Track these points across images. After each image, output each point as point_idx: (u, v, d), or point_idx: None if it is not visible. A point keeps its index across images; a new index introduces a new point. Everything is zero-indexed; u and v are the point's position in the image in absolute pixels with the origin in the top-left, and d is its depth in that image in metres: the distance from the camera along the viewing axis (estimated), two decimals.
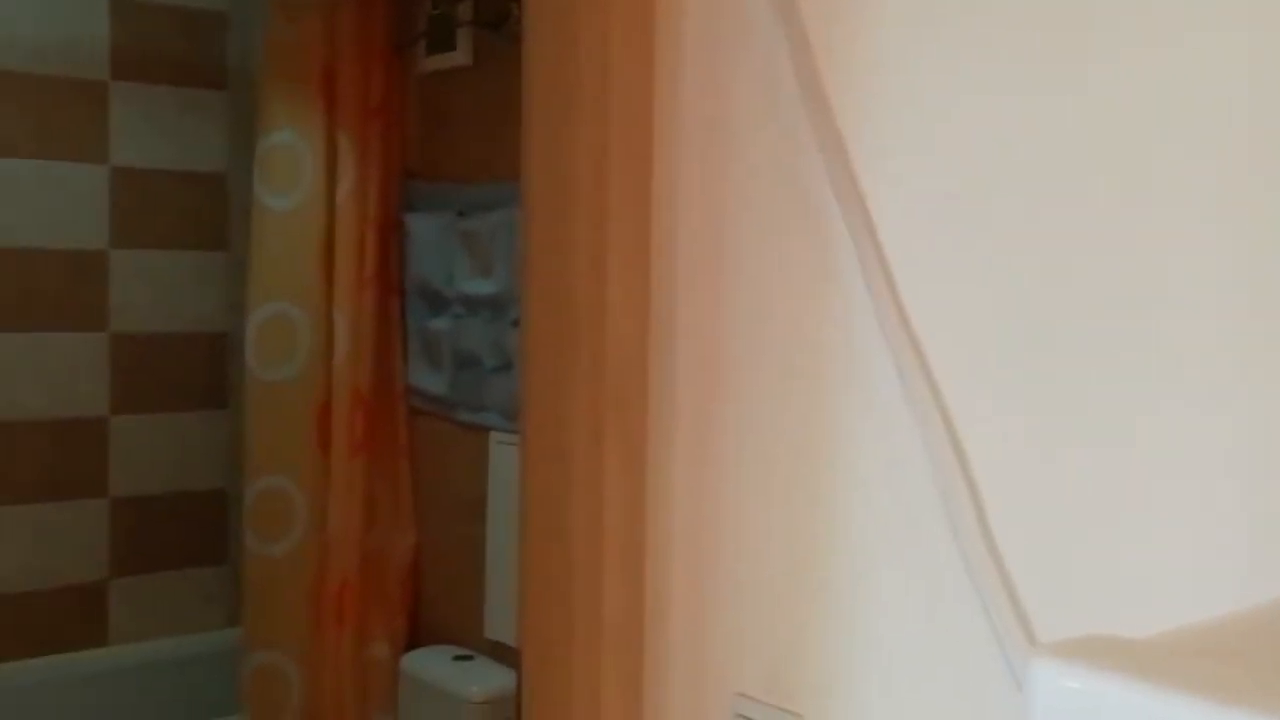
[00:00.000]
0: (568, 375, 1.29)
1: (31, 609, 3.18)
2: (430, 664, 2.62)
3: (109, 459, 3.29)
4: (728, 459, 1.25)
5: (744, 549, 1.24)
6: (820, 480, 1.15)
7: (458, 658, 2.61)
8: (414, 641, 2.84)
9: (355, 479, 2.75)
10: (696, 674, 1.30)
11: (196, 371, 3.41)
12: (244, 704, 2.75)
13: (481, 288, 2.59)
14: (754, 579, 1.23)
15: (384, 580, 2.83)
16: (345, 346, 2.74)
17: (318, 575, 2.75)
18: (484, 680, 2.50)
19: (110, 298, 3.27)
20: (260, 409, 2.74)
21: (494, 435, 2.61)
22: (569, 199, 1.26)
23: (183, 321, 3.38)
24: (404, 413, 2.89)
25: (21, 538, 3.16)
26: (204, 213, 3.40)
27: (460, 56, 2.67)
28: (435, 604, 2.83)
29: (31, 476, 3.17)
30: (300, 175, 2.73)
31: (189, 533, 3.42)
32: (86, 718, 3.17)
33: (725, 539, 1.25)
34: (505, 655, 2.58)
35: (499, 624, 2.60)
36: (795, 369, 1.18)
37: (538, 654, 1.36)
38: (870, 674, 1.11)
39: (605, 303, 1.25)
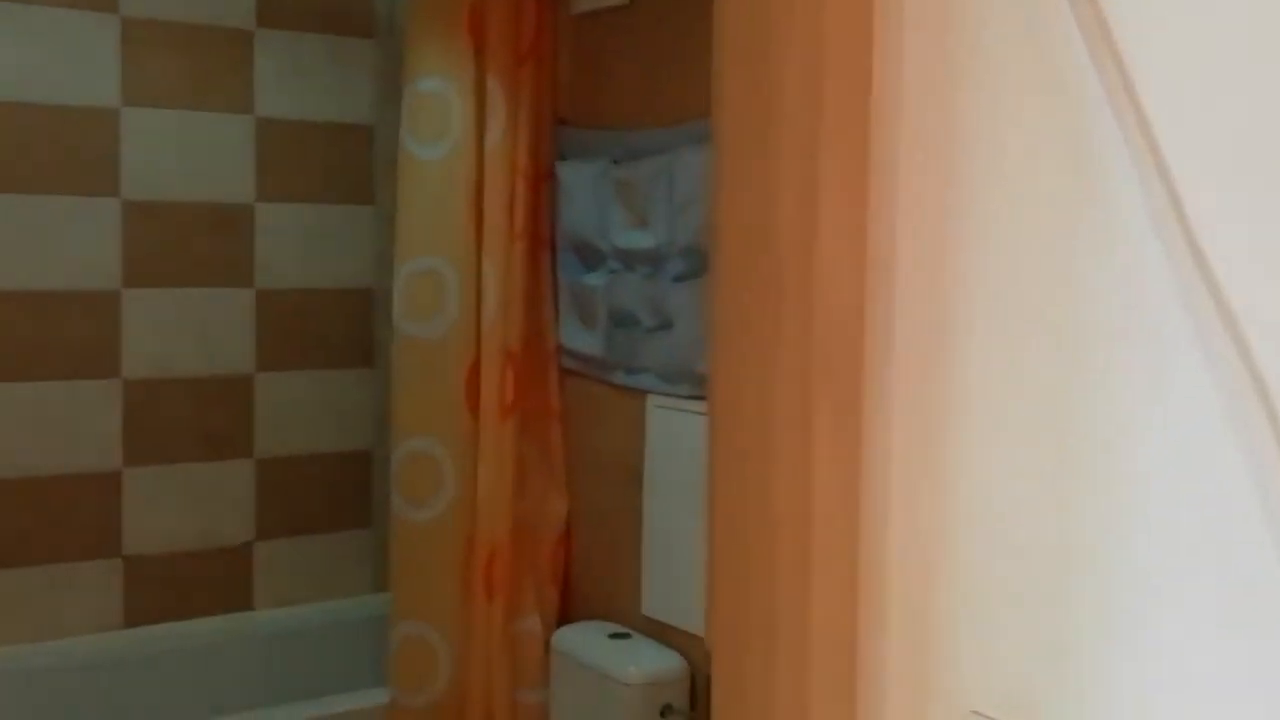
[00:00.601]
0: (767, 334, 1.10)
1: (179, 571, 3.14)
2: (584, 641, 2.47)
3: (255, 418, 3.22)
4: (965, 432, 1.04)
5: (990, 539, 1.04)
6: (1093, 465, 0.93)
7: (613, 635, 2.46)
8: (566, 616, 2.71)
9: (505, 442, 2.61)
10: (919, 686, 1.10)
11: (343, 329, 3.32)
12: (390, 676, 2.65)
13: (638, 240, 2.41)
14: (1003, 575, 1.02)
15: (535, 550, 2.70)
16: (495, 303, 2.60)
17: (466, 543, 2.63)
18: (641, 661, 2.34)
19: (256, 253, 3.19)
20: (407, 367, 2.62)
21: (651, 399, 2.44)
22: (773, 127, 1.06)
23: (329, 277, 3.29)
24: (555, 374, 2.73)
25: (169, 498, 3.11)
26: (351, 165, 3.30)
27: None
28: (588, 577, 2.68)
29: (180, 435, 3.12)
30: (448, 124, 2.59)
31: (335, 495, 3.34)
32: (231, 683, 3.12)
33: (963, 528, 1.05)
34: (664, 634, 2.42)
35: (658, 600, 2.43)
36: (1057, 321, 0.96)
37: (731, 659, 1.18)
38: (1157, 706, 0.90)
39: (815, 247, 1.05)
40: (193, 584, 3.16)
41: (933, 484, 1.10)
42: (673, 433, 2.38)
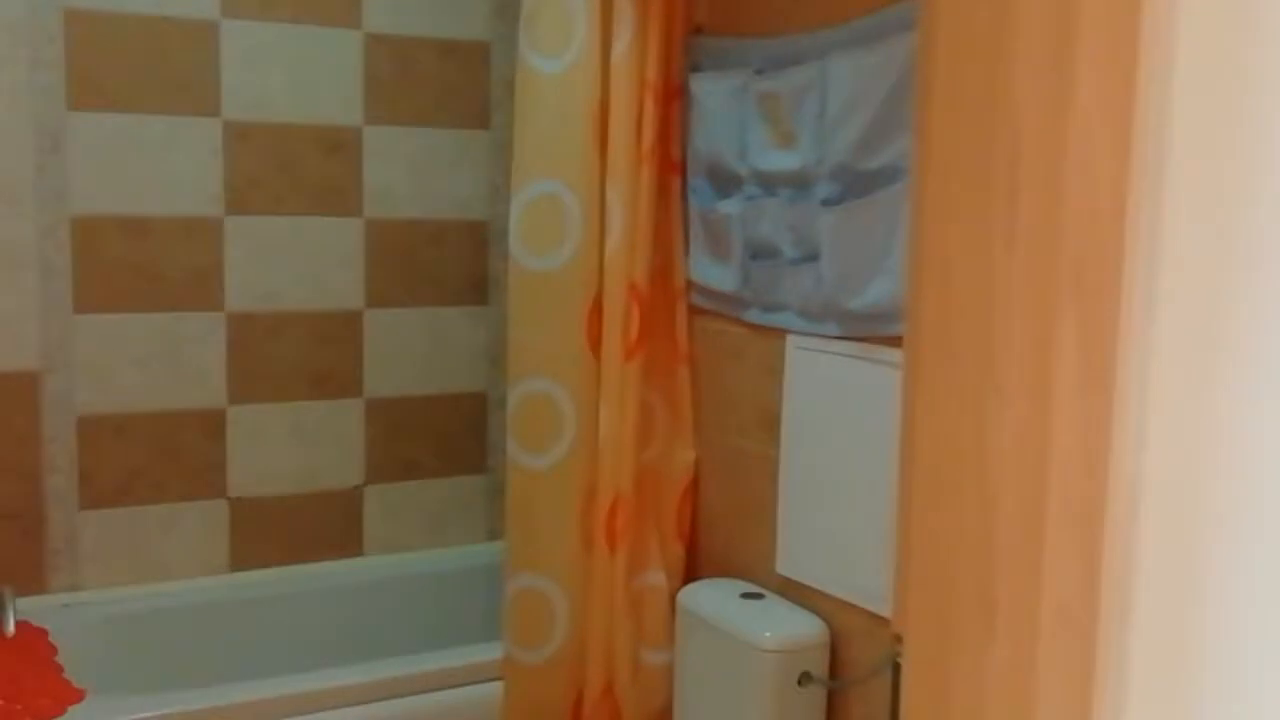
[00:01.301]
0: (993, 247, 0.85)
1: (286, 515, 3.00)
2: (713, 600, 2.26)
3: (364, 356, 3.06)
4: (1256, 370, 0.79)
5: None
6: None
7: (745, 595, 2.25)
8: (693, 573, 2.50)
9: (629, 385, 2.40)
10: (1171, 684, 0.86)
11: (457, 263, 3.14)
12: (505, 630, 2.47)
13: (782, 161, 2.17)
14: None
15: (660, 500, 2.49)
16: (619, 232, 2.37)
17: (587, 492, 2.43)
18: (777, 625, 2.13)
19: (365, 179, 3.01)
20: (524, 302, 2.42)
21: (792, 339, 2.20)
22: None
23: (442, 207, 3.10)
24: (684, 311, 2.51)
25: (276, 438, 2.97)
26: (466, 86, 3.09)
27: None
28: (718, 531, 2.47)
29: (286, 373, 2.97)
30: (571, 34, 2.36)
31: (448, 438, 3.18)
32: (339, 632, 2.99)
33: (1244, 495, 0.80)
34: (801, 596, 2.20)
35: (794, 559, 2.21)
36: None
37: (932, 644, 0.95)
38: None
39: (1066, 123, 0.80)
40: (300, 528, 3.02)
41: (1208, 438, 0.84)
42: (815, 377, 2.14)
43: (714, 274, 2.41)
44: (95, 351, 2.76)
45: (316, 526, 3.04)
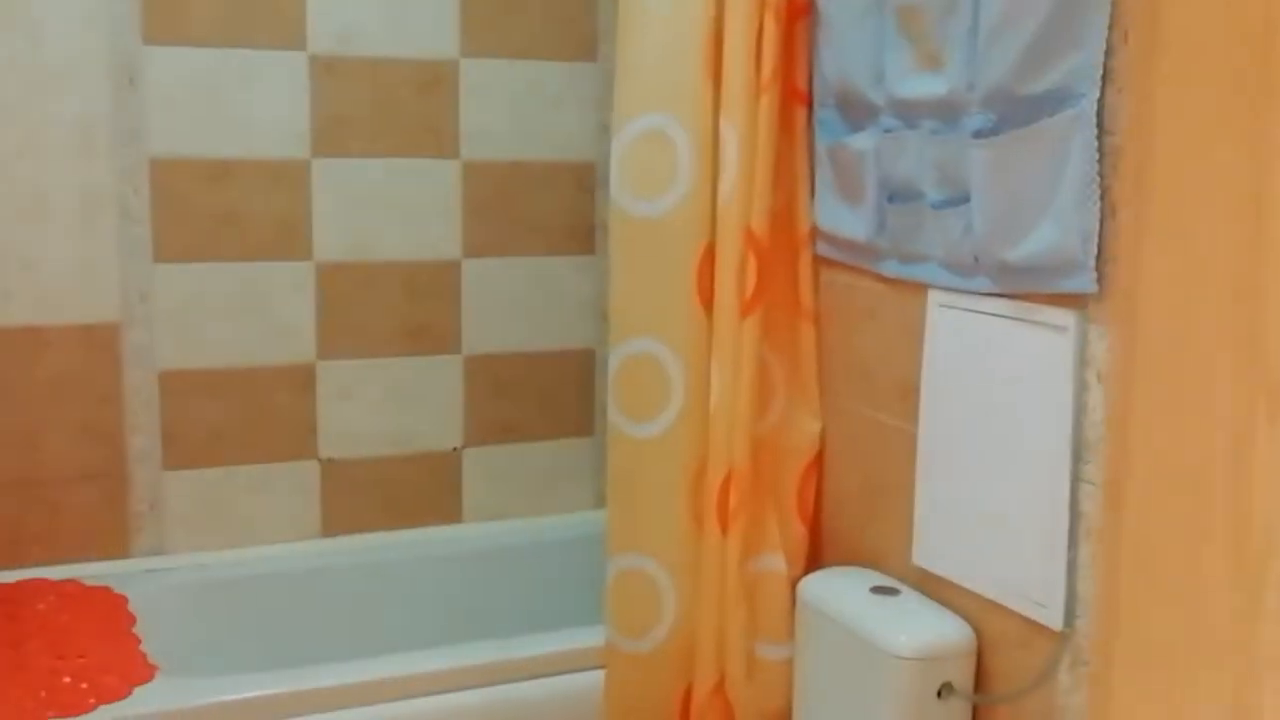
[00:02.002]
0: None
1: (380, 477, 2.81)
2: (839, 592, 1.99)
3: (462, 309, 2.83)
4: None
5: None
6: None
7: (876, 589, 1.96)
8: (816, 559, 2.22)
9: (745, 345, 2.12)
10: None
11: (562, 208, 2.88)
12: (607, 614, 2.24)
13: (926, 86, 1.85)
14: None
15: (779, 476, 2.21)
16: (735, 172, 2.09)
17: (696, 465, 2.17)
18: (915, 627, 1.84)
19: (462, 118, 2.77)
20: (627, 253, 2.15)
21: (935, 295, 1.90)
22: None
23: (546, 147, 2.85)
24: (808, 262, 2.21)
25: (369, 396, 2.78)
26: (572, 13, 2.82)
27: None
28: (845, 513, 2.19)
29: (379, 326, 2.76)
30: None
31: (553, 398, 2.95)
32: (434, 603, 2.80)
33: None
34: (940, 592, 1.91)
35: (934, 548, 1.92)
36: None
37: (1144, 664, 0.66)
38: None
39: None
40: (395, 493, 2.83)
41: None
42: (963, 340, 1.83)
43: (844, 219, 2.11)
44: (177, 303, 2.59)
45: (412, 491, 2.85)
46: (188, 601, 2.54)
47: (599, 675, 2.24)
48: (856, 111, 2.04)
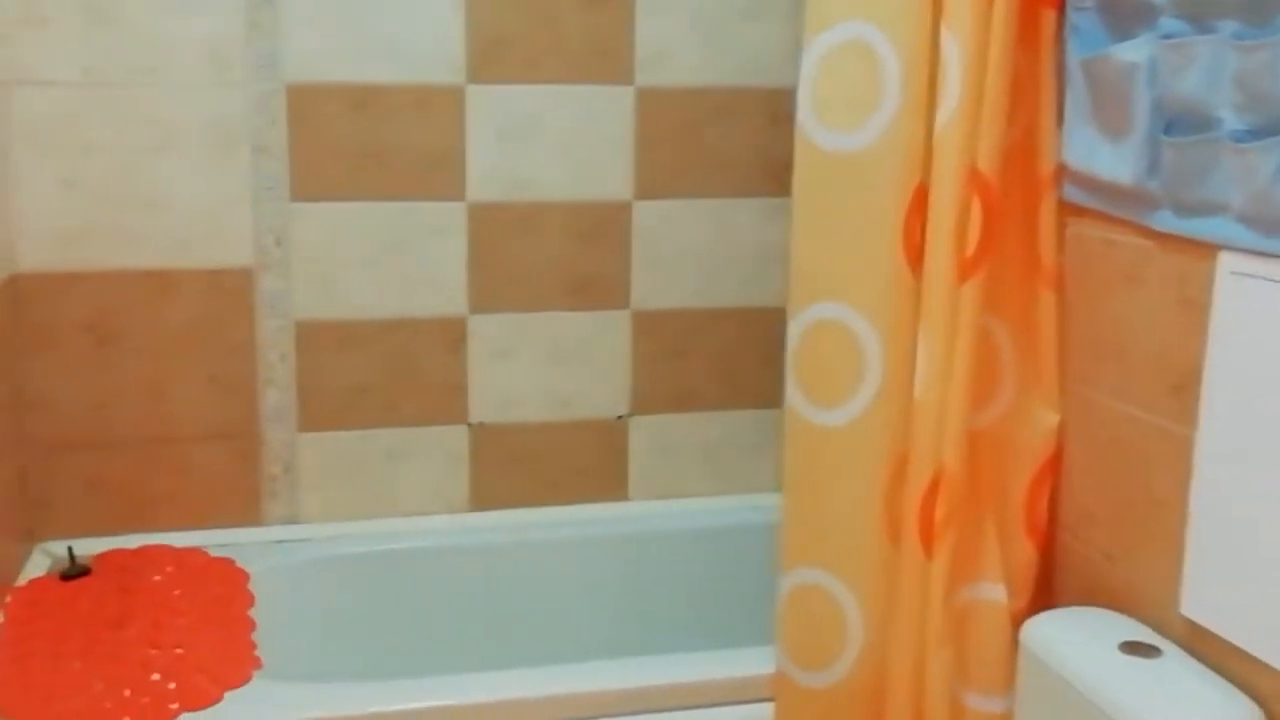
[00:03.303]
0: None
1: (536, 446, 2.49)
2: (1078, 644, 1.54)
3: (633, 258, 2.46)
4: None
5: None
6: None
7: (1130, 645, 1.50)
8: (1045, 591, 1.77)
9: (964, 314, 1.67)
10: None
11: (751, 141, 2.46)
12: (778, 638, 1.85)
13: None
14: None
15: (1003, 482, 1.76)
16: (958, 94, 1.63)
17: (895, 463, 1.74)
18: (1183, 706, 1.38)
19: (636, 38, 2.38)
20: (816, 194, 1.73)
21: (1227, 259, 1.41)
22: None
23: (731, 71, 2.43)
24: (1051, 209, 1.74)
25: (529, 354, 2.45)
26: None
27: None
28: (1087, 535, 1.72)
29: (537, 276, 2.42)
30: None
31: (735, 362, 2.55)
32: (594, 591, 2.47)
33: None
34: (1219, 657, 1.43)
35: (1212, 596, 1.44)
36: None
37: None
38: None
39: None
40: (553, 464, 2.50)
41: None
42: (1267, 319, 1.35)
43: (1101, 156, 1.63)
44: (315, 246, 2.31)
45: (572, 462, 2.51)
46: (314, 580, 2.29)
47: (767, 710, 1.85)
48: (1125, 12, 1.55)
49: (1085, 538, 1.73)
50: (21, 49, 2.11)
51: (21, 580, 2.09)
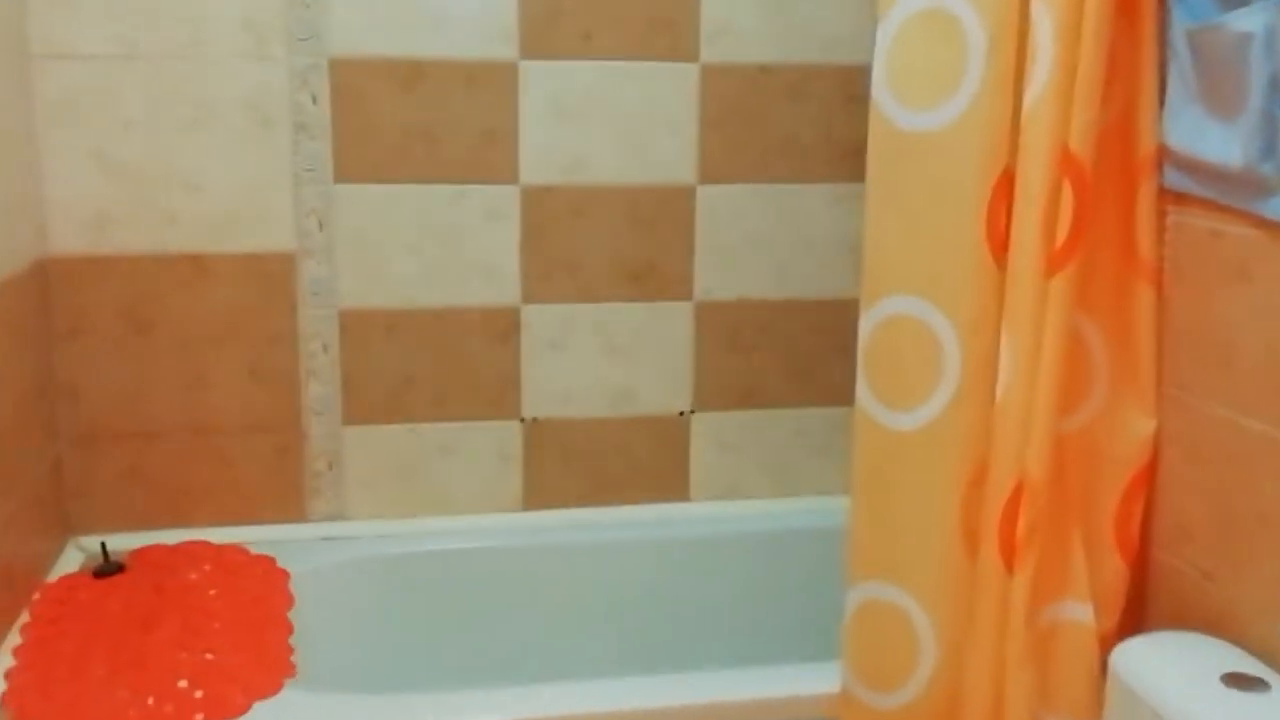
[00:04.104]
0: None
1: (593, 444, 2.37)
2: (1174, 673, 1.39)
3: (696, 246, 2.33)
4: None
5: None
6: None
7: (1233, 677, 1.35)
8: (1138, 612, 1.62)
9: (1053, 310, 1.52)
10: None
11: (823, 122, 2.33)
12: (845, 655, 1.71)
13: None
14: None
15: (1093, 492, 1.61)
16: (1048, 69, 1.48)
17: (974, 470, 1.60)
18: None
19: (702, 10, 2.24)
20: (891, 177, 1.59)
21: None
22: None
23: (805, 47, 2.29)
24: (1150, 196, 1.58)
25: (585, 346, 2.33)
26: None
27: None
28: (1185, 552, 1.56)
29: (600, 264, 2.30)
30: None
31: (803, 356, 2.41)
32: (653, 596, 2.36)
33: None
34: None
35: None
36: None
37: None
38: None
39: None
40: (611, 462, 2.39)
41: None
42: None
43: (1209, 137, 1.47)
44: (360, 231, 2.21)
45: (630, 461, 2.39)
46: (357, 581, 2.19)
47: None
48: None
49: (1182, 555, 1.57)
50: (50, 21, 2.02)
51: (53, 576, 2.02)
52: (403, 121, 2.18)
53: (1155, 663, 1.42)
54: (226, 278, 2.16)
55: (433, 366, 2.28)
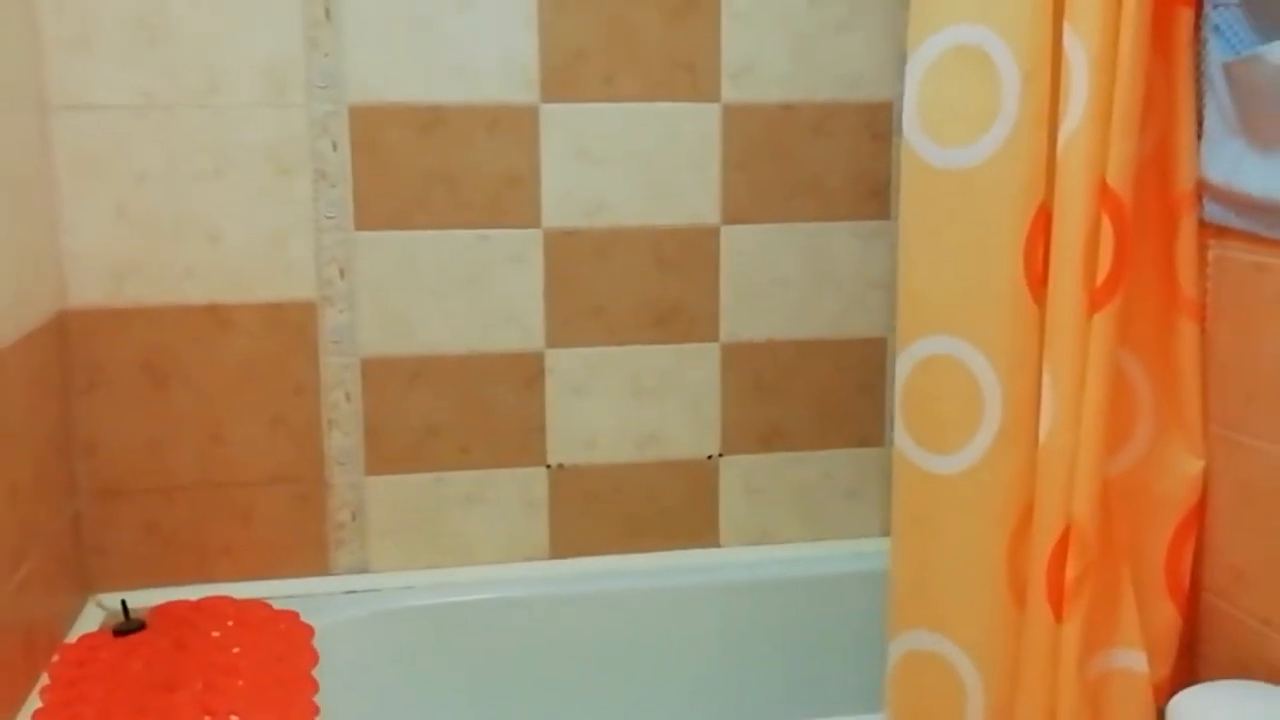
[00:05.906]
0: None
1: (620, 490, 2.33)
2: None
3: (721, 287, 2.30)
4: None
5: None
6: None
7: None
8: (1191, 660, 1.56)
9: (1095, 349, 1.48)
10: None
11: (849, 160, 2.29)
12: (888, 709, 1.66)
13: None
14: None
15: (1142, 536, 1.57)
16: (1084, 104, 1.44)
17: (1019, 515, 1.55)
18: None
19: (724, 50, 2.22)
20: (926, 215, 1.56)
21: None
22: None
23: (830, 84, 2.26)
24: (1191, 231, 1.55)
25: (611, 391, 2.29)
26: None
27: None
28: (1240, 597, 1.51)
29: (625, 307, 2.27)
30: None
31: (834, 397, 2.37)
32: (684, 646, 2.30)
33: None
34: None
35: None
36: None
37: None
38: None
39: None
40: (639, 508, 2.34)
41: None
42: None
43: (1250, 170, 1.43)
44: (381, 278, 2.18)
45: (659, 506, 2.34)
46: (382, 634, 2.15)
47: None
48: (1275, 8, 1.36)
49: (1236, 601, 1.52)
50: (69, 72, 2.01)
51: (73, 635, 1.98)
52: (423, 167, 2.16)
53: (1217, 714, 1.37)
54: (247, 328, 2.14)
55: (456, 414, 2.24)
